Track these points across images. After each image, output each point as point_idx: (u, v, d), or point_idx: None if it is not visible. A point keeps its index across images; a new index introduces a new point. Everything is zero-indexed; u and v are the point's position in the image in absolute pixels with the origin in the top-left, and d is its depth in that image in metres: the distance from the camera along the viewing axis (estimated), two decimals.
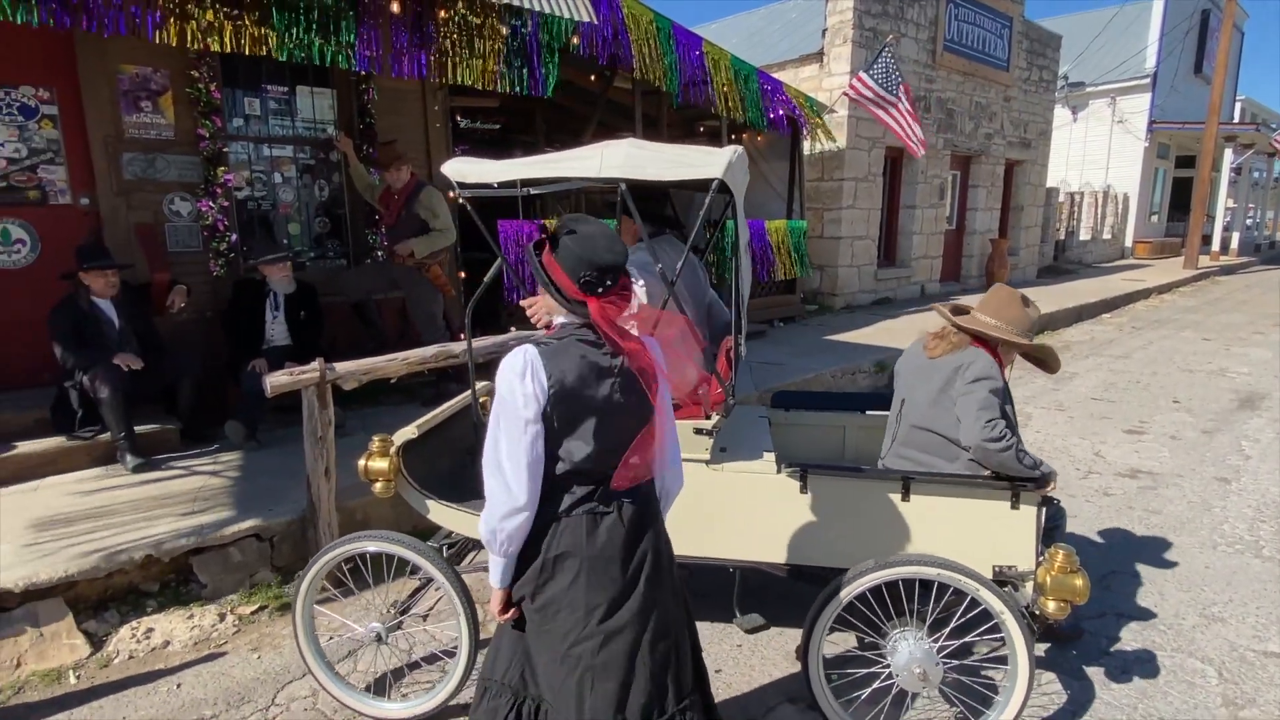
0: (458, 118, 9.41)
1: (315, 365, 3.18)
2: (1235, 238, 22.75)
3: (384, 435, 2.66)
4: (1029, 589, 2.42)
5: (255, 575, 3.45)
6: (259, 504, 3.66)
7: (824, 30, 10.67)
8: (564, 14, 5.20)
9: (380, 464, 2.61)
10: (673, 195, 3.83)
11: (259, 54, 4.33)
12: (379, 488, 2.63)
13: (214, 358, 4.91)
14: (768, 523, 2.61)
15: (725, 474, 2.61)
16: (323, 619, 2.85)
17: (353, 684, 2.68)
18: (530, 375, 1.65)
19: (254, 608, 3.27)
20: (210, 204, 5.05)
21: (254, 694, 2.74)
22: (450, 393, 4.56)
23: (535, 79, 5.52)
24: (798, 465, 2.57)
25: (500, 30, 5.22)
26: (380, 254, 5.81)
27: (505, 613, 1.82)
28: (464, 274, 6.24)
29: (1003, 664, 2.38)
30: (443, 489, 2.73)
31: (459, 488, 2.83)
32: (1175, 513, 4.35)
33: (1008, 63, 13.07)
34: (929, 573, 2.32)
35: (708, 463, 2.60)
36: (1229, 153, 20.04)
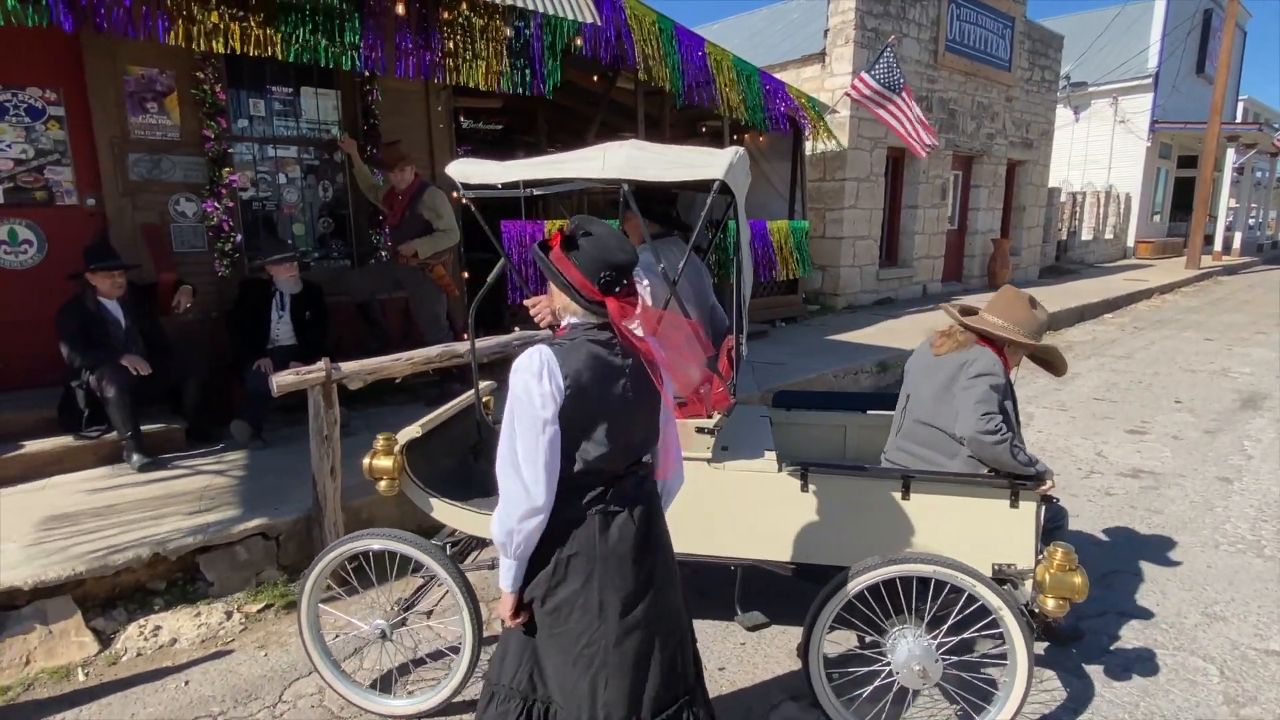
0: (461, 118, 9.43)
1: (321, 365, 3.20)
2: (1237, 238, 22.75)
3: (388, 434, 2.68)
4: (1028, 587, 2.43)
5: (261, 573, 3.47)
6: (265, 503, 3.69)
7: (826, 31, 10.68)
8: (567, 15, 5.22)
9: (385, 462, 2.63)
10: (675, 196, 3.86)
11: (266, 55, 4.36)
12: (383, 486, 2.65)
13: (219, 358, 4.94)
14: (768, 521, 2.63)
15: (727, 472, 2.63)
16: (328, 617, 2.87)
17: (358, 681, 2.71)
18: (547, 375, 1.65)
19: (260, 606, 3.29)
20: (215, 204, 5.07)
21: (262, 691, 2.77)
22: (454, 392, 4.58)
23: (537, 79, 5.54)
24: (798, 464, 2.58)
25: (504, 31, 5.25)
26: (384, 254, 5.83)
27: (517, 617, 1.80)
28: (467, 274, 6.27)
29: (1003, 661, 2.40)
30: (446, 487, 2.75)
31: (462, 486, 2.86)
32: (1177, 512, 4.36)
33: (1010, 63, 13.07)
34: (924, 570, 2.33)
35: (709, 461, 2.62)
36: (1231, 152, 20.01)
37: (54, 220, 4.74)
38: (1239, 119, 22.61)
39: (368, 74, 5.24)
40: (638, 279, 2.24)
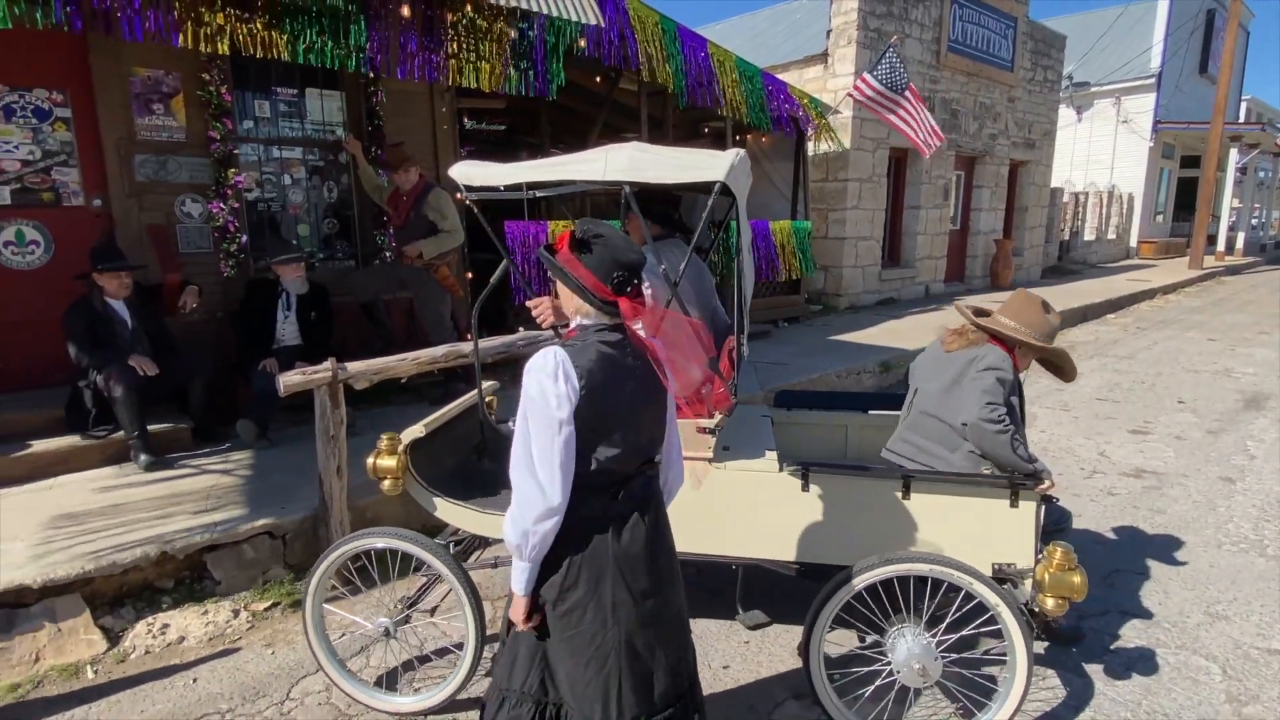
0: (465, 119, 9.46)
1: (328, 365, 3.22)
2: (1240, 238, 22.70)
3: (392, 434, 2.70)
4: (1028, 586, 2.45)
5: (268, 572, 3.50)
6: (271, 502, 3.71)
7: (828, 31, 10.69)
8: (571, 17, 5.24)
9: (388, 462, 2.65)
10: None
11: (274, 58, 4.38)
12: (387, 485, 2.67)
13: (224, 358, 4.97)
14: (769, 520, 2.64)
15: (728, 472, 2.65)
16: (333, 617, 2.89)
17: (364, 679, 2.73)
18: (562, 376, 1.64)
19: (267, 604, 3.31)
20: (221, 205, 5.11)
21: (269, 688, 2.79)
22: (458, 392, 4.59)
23: (541, 81, 5.56)
24: (799, 464, 2.60)
25: (508, 33, 5.27)
26: (389, 255, 5.86)
27: (529, 620, 1.78)
28: (471, 275, 6.29)
29: (1003, 658, 2.41)
30: (449, 487, 2.77)
31: (465, 485, 2.87)
32: (1180, 512, 4.37)
33: (1012, 63, 13.07)
34: (922, 569, 2.35)
35: (710, 460, 2.63)
36: (1234, 152, 19.97)
37: (61, 221, 4.77)
38: (1242, 119, 22.57)
39: (372, 75, 5.27)
40: (641, 280, 2.26)
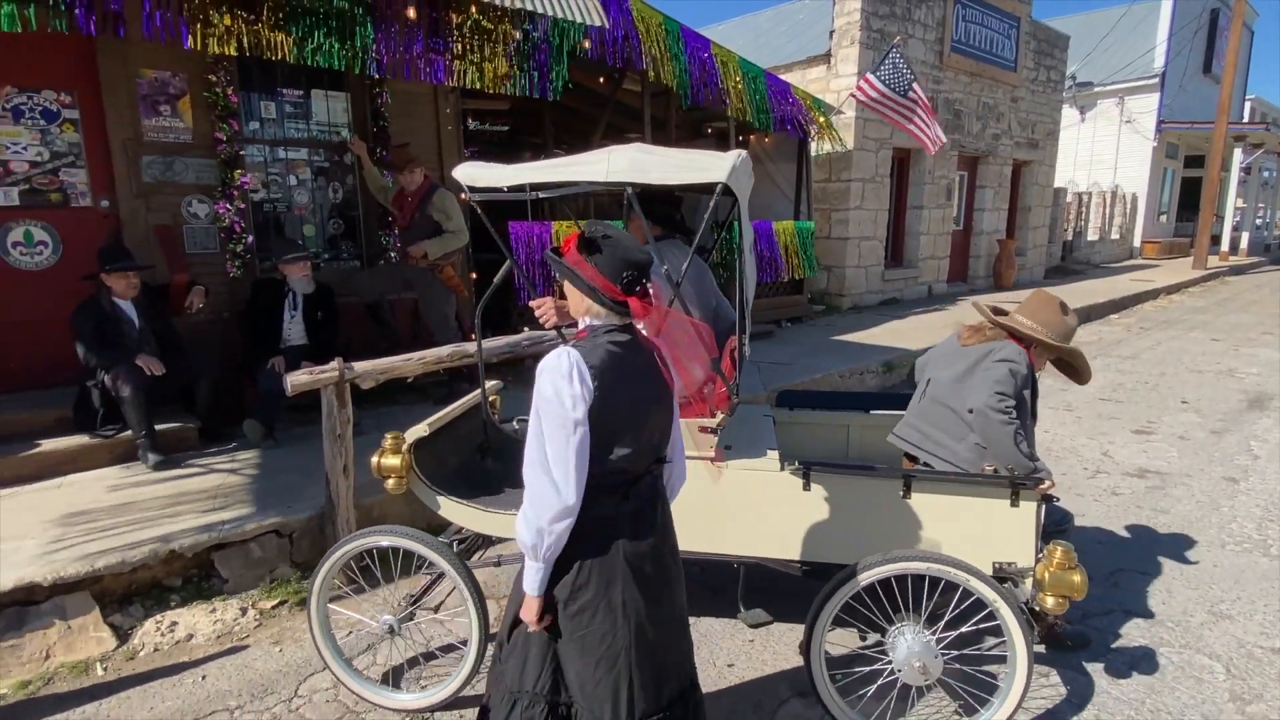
0: (469, 120, 9.49)
1: (335, 365, 3.24)
2: (1245, 238, 22.61)
3: (396, 433, 2.72)
4: (1028, 585, 2.46)
5: (275, 570, 3.52)
6: (278, 501, 3.74)
7: (831, 32, 10.70)
8: (575, 18, 5.26)
9: (392, 461, 2.66)
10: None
11: (281, 59, 4.40)
12: (391, 484, 2.69)
13: (231, 358, 5.00)
14: (770, 519, 2.65)
15: (730, 471, 2.66)
16: (339, 615, 2.91)
17: (370, 677, 2.74)
18: (576, 376, 1.64)
19: (274, 602, 3.34)
20: (227, 206, 5.13)
21: (277, 686, 2.81)
22: (462, 392, 4.61)
23: (545, 82, 5.58)
24: (801, 463, 2.61)
25: (512, 34, 5.29)
26: (394, 255, 5.88)
27: (541, 621, 1.77)
28: (475, 275, 6.31)
29: (1004, 656, 2.42)
30: (453, 486, 2.79)
31: (469, 484, 2.89)
32: (1183, 512, 4.37)
33: (1015, 63, 13.06)
34: (922, 568, 2.36)
35: (712, 460, 2.65)
36: (1238, 152, 19.91)
37: (69, 222, 4.80)
38: (1246, 118, 22.56)
39: (377, 77, 5.29)
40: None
